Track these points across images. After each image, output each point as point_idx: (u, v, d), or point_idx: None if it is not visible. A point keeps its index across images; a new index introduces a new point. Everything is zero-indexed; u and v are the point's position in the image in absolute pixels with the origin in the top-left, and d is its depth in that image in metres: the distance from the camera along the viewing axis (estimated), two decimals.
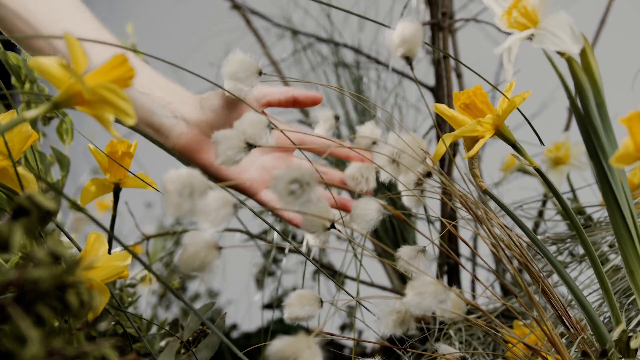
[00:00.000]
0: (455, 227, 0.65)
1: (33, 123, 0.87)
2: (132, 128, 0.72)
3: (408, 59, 0.62)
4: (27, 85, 0.90)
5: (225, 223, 0.50)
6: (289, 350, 0.46)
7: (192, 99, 0.73)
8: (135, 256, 0.50)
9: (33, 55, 0.71)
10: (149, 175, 0.81)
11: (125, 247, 0.49)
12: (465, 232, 1.11)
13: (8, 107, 0.78)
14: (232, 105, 0.71)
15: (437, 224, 1.08)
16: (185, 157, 0.72)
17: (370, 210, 0.60)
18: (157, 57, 0.57)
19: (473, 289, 1.15)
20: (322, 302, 0.58)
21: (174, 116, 0.71)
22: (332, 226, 0.59)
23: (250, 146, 0.62)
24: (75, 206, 0.45)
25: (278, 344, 0.47)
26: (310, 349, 0.47)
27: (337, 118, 0.71)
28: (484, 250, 1.23)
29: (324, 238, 0.62)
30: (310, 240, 0.63)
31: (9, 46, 0.93)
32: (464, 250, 1.30)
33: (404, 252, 0.60)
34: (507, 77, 0.57)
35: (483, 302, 1.01)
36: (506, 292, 1.06)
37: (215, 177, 0.74)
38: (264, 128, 0.63)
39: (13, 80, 0.91)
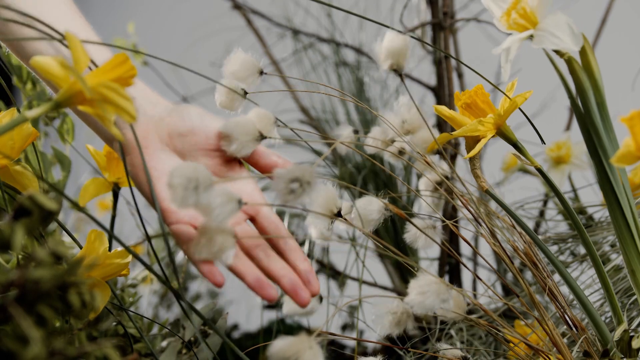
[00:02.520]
0: (456, 227, 0.65)
1: (35, 123, 0.87)
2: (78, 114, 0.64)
3: (396, 71, 0.62)
4: (29, 86, 0.90)
5: (230, 218, 0.50)
6: (290, 350, 0.47)
7: (165, 104, 0.65)
8: (135, 256, 0.50)
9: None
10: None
11: (126, 247, 0.49)
12: (465, 232, 1.11)
13: (9, 107, 0.78)
14: (201, 128, 0.63)
15: (438, 224, 1.08)
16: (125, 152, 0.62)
17: (372, 211, 0.60)
18: (157, 57, 0.57)
19: (474, 289, 1.15)
20: (321, 298, 0.58)
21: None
22: (339, 214, 0.58)
23: (262, 137, 0.61)
24: (76, 206, 0.45)
25: (279, 344, 0.47)
26: (312, 349, 0.47)
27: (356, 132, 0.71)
28: (484, 251, 1.23)
29: (327, 234, 0.62)
30: (313, 234, 0.63)
31: None
32: (465, 250, 1.30)
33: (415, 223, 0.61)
34: (504, 77, 0.57)
35: (484, 302, 1.01)
36: (507, 292, 1.06)
37: (142, 186, 0.62)
38: (272, 123, 0.63)
39: (15, 80, 0.91)
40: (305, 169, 0.51)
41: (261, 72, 0.64)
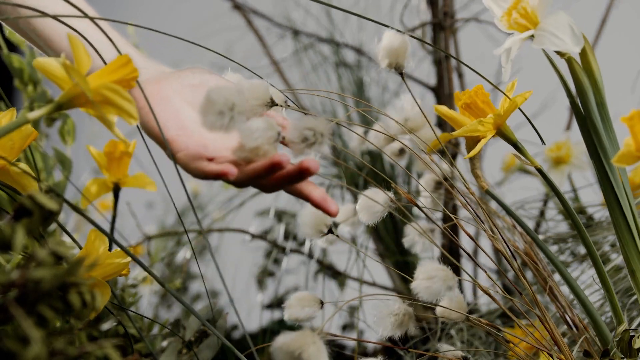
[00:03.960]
0: (456, 224, 0.65)
1: (36, 124, 0.87)
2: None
3: (397, 69, 0.62)
4: (30, 87, 0.90)
5: (268, 145, 0.51)
6: (293, 345, 0.47)
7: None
8: (134, 259, 0.50)
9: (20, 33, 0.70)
10: (148, 176, 0.81)
11: (125, 250, 0.49)
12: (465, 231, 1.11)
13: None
14: (212, 82, 0.64)
15: (439, 223, 1.07)
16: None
17: (377, 203, 0.60)
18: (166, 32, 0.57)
19: (474, 289, 1.15)
20: (322, 303, 0.58)
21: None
22: (330, 231, 0.59)
23: (273, 104, 0.61)
24: (74, 208, 0.45)
25: (283, 339, 0.47)
26: (315, 344, 0.47)
27: None
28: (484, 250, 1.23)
29: (330, 238, 0.62)
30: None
31: (13, 48, 0.93)
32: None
33: (412, 230, 0.61)
34: (505, 77, 0.57)
35: (484, 302, 1.01)
36: (507, 292, 1.06)
37: (150, 123, 0.63)
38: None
39: (16, 82, 0.91)
40: (320, 121, 0.51)
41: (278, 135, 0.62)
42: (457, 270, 0.56)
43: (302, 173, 0.54)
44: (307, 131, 0.51)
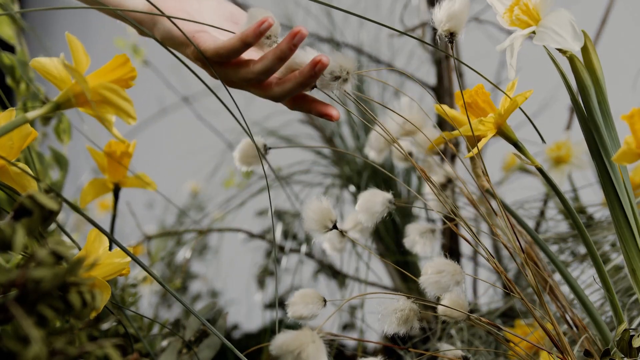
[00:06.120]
0: (456, 225, 0.65)
1: (32, 123, 0.87)
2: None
3: (452, 35, 0.61)
4: (22, 85, 0.90)
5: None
6: (293, 344, 0.46)
7: None
8: (134, 258, 0.50)
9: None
10: (148, 175, 0.81)
11: (124, 249, 0.49)
12: (465, 232, 1.11)
13: (4, 107, 0.78)
14: (219, 7, 0.68)
15: (439, 224, 1.08)
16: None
17: (376, 203, 0.60)
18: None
19: (474, 289, 1.15)
20: (325, 300, 0.58)
21: None
22: (335, 227, 0.59)
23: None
24: (74, 208, 0.45)
25: (282, 338, 0.47)
26: (315, 343, 0.47)
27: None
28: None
29: (337, 243, 0.62)
30: (324, 243, 0.64)
31: (4, 46, 0.93)
32: (465, 250, 1.30)
33: (413, 228, 0.61)
34: (510, 75, 0.57)
35: (485, 302, 1.01)
36: (506, 293, 1.06)
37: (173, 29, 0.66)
38: None
39: (8, 80, 0.90)
40: (347, 58, 0.55)
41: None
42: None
43: (315, 67, 0.57)
44: (334, 65, 0.54)
